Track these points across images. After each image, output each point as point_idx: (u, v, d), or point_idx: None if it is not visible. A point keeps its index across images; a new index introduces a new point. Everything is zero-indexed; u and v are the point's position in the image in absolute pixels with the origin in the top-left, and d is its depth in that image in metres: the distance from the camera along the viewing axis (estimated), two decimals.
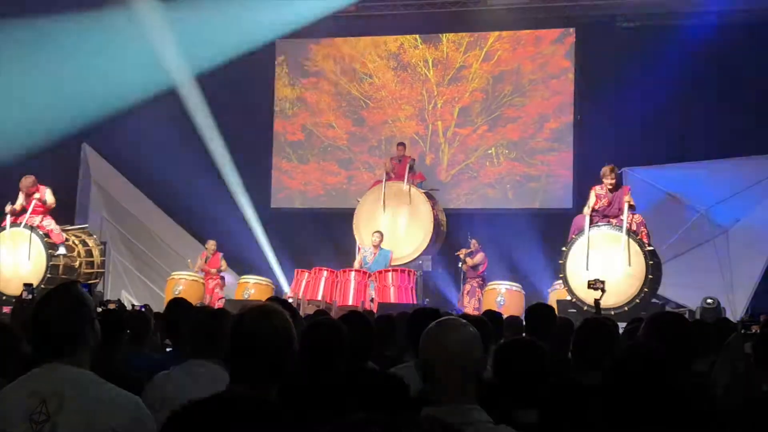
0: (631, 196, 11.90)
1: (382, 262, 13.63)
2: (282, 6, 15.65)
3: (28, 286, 10.46)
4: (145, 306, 8.86)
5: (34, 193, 13.11)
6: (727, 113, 14.11)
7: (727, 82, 14.18)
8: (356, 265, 13.68)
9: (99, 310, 3.16)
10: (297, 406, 2.56)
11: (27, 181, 13.11)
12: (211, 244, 14.71)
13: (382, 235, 13.92)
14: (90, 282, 13.75)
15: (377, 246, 13.82)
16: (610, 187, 11.83)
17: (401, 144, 15.36)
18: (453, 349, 2.57)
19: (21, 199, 13.16)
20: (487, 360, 2.65)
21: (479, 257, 14.11)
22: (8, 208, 13.11)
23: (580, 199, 14.07)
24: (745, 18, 14.66)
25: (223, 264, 14.68)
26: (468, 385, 2.56)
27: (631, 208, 11.71)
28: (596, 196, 11.85)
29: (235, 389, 2.54)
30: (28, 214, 13.11)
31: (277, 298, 6.30)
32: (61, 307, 2.78)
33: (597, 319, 4.84)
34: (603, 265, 11.37)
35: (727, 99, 14.11)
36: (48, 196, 13.19)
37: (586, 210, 11.84)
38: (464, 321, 2.66)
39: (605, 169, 11.88)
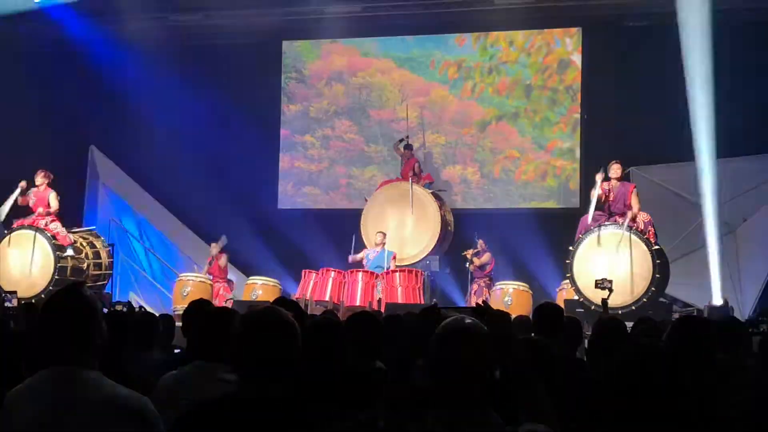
0: (638, 195, 11.98)
1: (380, 261, 13.65)
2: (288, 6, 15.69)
3: (11, 294, 10.44)
4: (141, 308, 8.91)
5: (44, 191, 13.18)
6: (735, 111, 14.06)
7: (735, 80, 14.13)
8: (358, 256, 13.86)
9: (105, 311, 3.17)
10: (302, 406, 2.56)
11: (39, 175, 13.20)
12: (215, 247, 14.76)
13: (384, 235, 13.96)
14: (98, 284, 13.81)
15: (380, 244, 13.88)
16: (617, 178, 12.01)
17: (408, 145, 15.36)
18: (463, 350, 2.56)
19: (32, 195, 13.23)
20: (497, 360, 2.63)
21: (486, 257, 14.09)
22: (23, 183, 13.21)
23: (587, 198, 14.06)
24: (752, 16, 14.62)
25: (223, 260, 14.65)
26: (478, 387, 2.54)
27: (633, 215, 11.80)
28: (602, 188, 11.98)
29: (243, 389, 2.55)
30: (36, 215, 13.19)
31: (285, 299, 6.30)
32: (67, 309, 2.78)
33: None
34: (610, 265, 11.37)
35: (735, 97, 14.06)
36: (53, 200, 13.24)
37: (593, 193, 11.87)
38: (475, 321, 2.64)
39: (611, 163, 12.04)
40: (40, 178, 13.25)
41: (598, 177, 12.05)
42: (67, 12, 15.81)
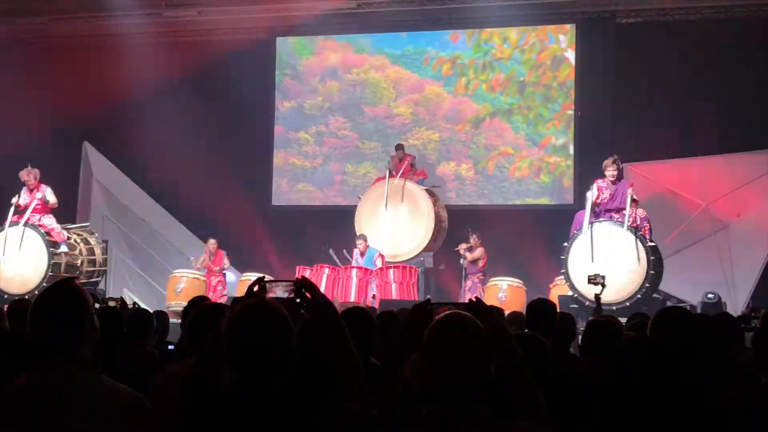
0: (634, 190, 11.97)
1: (368, 265, 13.66)
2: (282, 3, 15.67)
3: None
4: (134, 304, 8.91)
5: (35, 189, 13.14)
6: (728, 108, 14.09)
7: (728, 77, 14.16)
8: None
9: (97, 306, 3.17)
10: (295, 401, 2.56)
11: (30, 175, 13.15)
12: (212, 243, 14.75)
13: (365, 239, 13.94)
14: (92, 280, 13.78)
15: (363, 251, 13.86)
16: (612, 178, 11.89)
17: (399, 145, 15.33)
18: (457, 345, 2.56)
19: (24, 195, 13.18)
20: (492, 356, 2.62)
21: (479, 252, 14.10)
22: (14, 200, 13.17)
23: (582, 194, 14.06)
24: (745, 13, 14.65)
25: (226, 262, 14.74)
26: (472, 382, 2.54)
27: (634, 202, 11.73)
28: (598, 189, 11.87)
29: (236, 385, 2.55)
30: (29, 212, 13.13)
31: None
32: (59, 304, 2.77)
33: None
34: (605, 261, 11.38)
35: (728, 94, 14.09)
36: (49, 195, 13.18)
37: (589, 195, 11.83)
38: (469, 316, 2.64)
39: (607, 162, 11.96)
40: (29, 177, 13.16)
41: (594, 184, 12.00)
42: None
